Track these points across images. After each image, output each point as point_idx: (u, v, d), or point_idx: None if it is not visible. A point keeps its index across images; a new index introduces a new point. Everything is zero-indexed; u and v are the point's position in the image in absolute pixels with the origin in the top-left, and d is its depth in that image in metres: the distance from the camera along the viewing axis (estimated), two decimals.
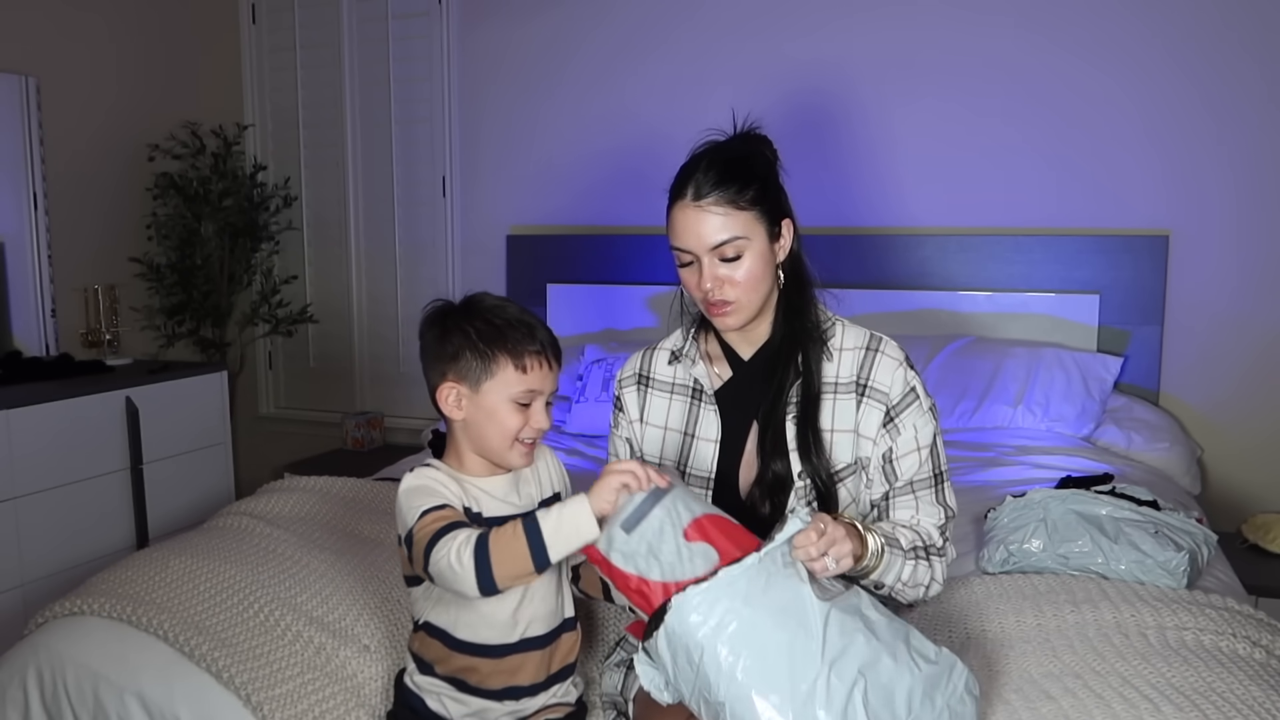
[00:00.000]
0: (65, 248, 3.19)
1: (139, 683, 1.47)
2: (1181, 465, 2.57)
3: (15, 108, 3.00)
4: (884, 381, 1.43)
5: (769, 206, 1.41)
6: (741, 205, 1.38)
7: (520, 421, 1.29)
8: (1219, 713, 1.21)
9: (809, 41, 3.07)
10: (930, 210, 3.02)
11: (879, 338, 1.47)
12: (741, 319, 1.44)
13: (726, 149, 1.43)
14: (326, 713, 1.43)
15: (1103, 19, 2.81)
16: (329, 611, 1.62)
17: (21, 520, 2.57)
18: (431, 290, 3.64)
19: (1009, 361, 2.72)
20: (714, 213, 1.37)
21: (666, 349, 1.57)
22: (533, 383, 1.29)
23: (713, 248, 1.39)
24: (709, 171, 1.39)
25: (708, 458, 1.48)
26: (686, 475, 1.49)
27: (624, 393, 1.58)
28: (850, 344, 1.47)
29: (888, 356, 1.45)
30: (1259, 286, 2.74)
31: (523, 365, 1.29)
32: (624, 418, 1.57)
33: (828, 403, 1.44)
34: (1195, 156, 2.77)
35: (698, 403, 1.51)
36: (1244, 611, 1.52)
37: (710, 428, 1.49)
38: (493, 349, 1.28)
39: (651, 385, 1.56)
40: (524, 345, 1.29)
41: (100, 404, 2.79)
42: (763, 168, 1.43)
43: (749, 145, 1.45)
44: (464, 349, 1.29)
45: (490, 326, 1.29)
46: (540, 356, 1.30)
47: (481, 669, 1.32)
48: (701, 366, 1.52)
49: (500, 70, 3.47)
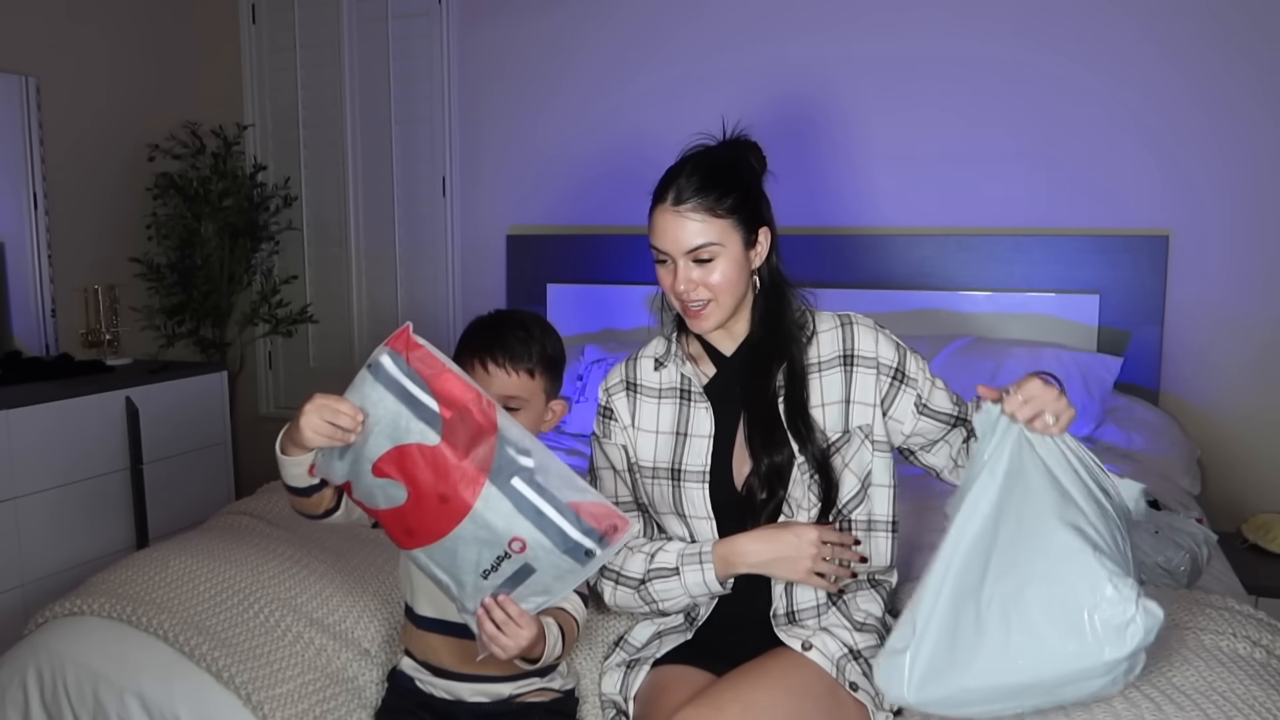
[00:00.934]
0: (65, 248, 3.19)
1: (139, 683, 1.47)
2: (1181, 465, 2.57)
3: (15, 108, 3.00)
4: (868, 348, 1.49)
5: (747, 215, 1.44)
6: (719, 213, 1.42)
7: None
8: (1219, 712, 1.21)
9: (811, 43, 3.07)
10: (930, 210, 3.02)
11: (846, 314, 1.54)
12: (714, 322, 1.46)
13: (712, 156, 1.46)
14: (327, 713, 1.43)
15: (1099, 20, 2.81)
16: (329, 612, 1.62)
17: (21, 520, 2.57)
18: (431, 290, 3.64)
19: (1009, 361, 2.72)
20: (691, 218, 1.42)
21: (649, 357, 1.58)
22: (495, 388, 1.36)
23: (687, 251, 1.43)
24: (691, 177, 1.42)
25: (701, 453, 1.49)
26: (681, 473, 1.49)
27: (613, 400, 1.56)
28: (825, 326, 1.52)
29: (861, 325, 1.52)
30: (1259, 286, 2.74)
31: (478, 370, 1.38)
32: (616, 425, 1.55)
33: (814, 381, 1.49)
34: (1194, 156, 2.77)
35: (688, 401, 1.52)
36: (1244, 611, 1.52)
37: (703, 423, 1.50)
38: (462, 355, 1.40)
39: (640, 392, 1.56)
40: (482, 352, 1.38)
41: (100, 404, 2.79)
42: (745, 176, 1.46)
43: (735, 152, 1.49)
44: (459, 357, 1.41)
45: (471, 332, 1.43)
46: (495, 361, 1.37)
47: (438, 647, 1.39)
48: (689, 365, 1.53)
49: (500, 70, 3.47)
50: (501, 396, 1.34)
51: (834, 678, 1.38)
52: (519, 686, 1.40)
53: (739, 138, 1.52)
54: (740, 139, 1.52)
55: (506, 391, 1.37)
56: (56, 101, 3.16)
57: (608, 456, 1.57)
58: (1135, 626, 1.12)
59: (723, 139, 1.51)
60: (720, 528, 1.47)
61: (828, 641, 1.42)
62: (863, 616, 1.47)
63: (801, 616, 1.46)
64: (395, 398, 1.15)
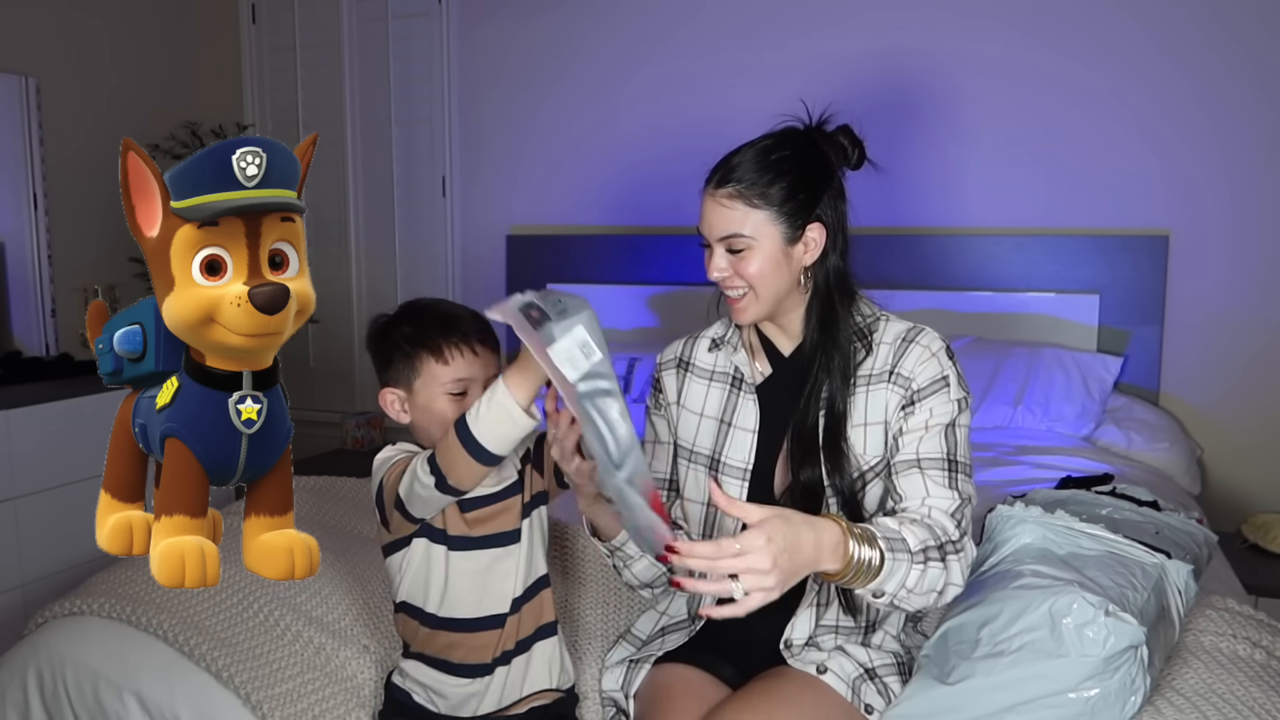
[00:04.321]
0: (65, 248, 3.19)
1: (139, 682, 1.47)
2: (1181, 465, 2.57)
3: (15, 108, 3.00)
4: (909, 368, 1.36)
5: (793, 208, 1.35)
6: (754, 203, 1.34)
7: (457, 411, 1.25)
8: (1219, 713, 1.21)
9: (809, 43, 3.07)
10: (930, 211, 3.02)
11: (918, 328, 1.41)
12: (753, 314, 1.40)
13: (773, 140, 1.38)
14: (326, 712, 1.43)
15: (1101, 20, 2.81)
16: (328, 612, 1.62)
17: (21, 520, 2.57)
18: (431, 290, 3.64)
19: (1009, 361, 2.72)
20: (725, 205, 1.36)
21: (708, 336, 1.53)
22: (459, 371, 1.31)
23: (720, 239, 1.37)
24: (735, 163, 1.36)
25: (744, 448, 1.44)
26: (721, 464, 1.45)
27: (663, 375, 1.55)
28: (890, 338, 1.40)
29: (919, 345, 1.38)
30: (1259, 286, 2.74)
31: (443, 357, 1.31)
32: (662, 398, 1.54)
33: (861, 396, 1.38)
34: (1194, 156, 2.77)
35: (737, 391, 1.47)
36: (1244, 612, 1.52)
37: (748, 417, 1.45)
38: (414, 347, 1.32)
39: (691, 370, 1.52)
40: (442, 337, 1.32)
41: (100, 404, 2.79)
42: (802, 166, 1.36)
43: (799, 140, 1.38)
44: (393, 354, 1.35)
45: (413, 327, 1.34)
46: (461, 344, 1.32)
47: (461, 645, 1.35)
48: (743, 355, 1.47)
49: (500, 70, 3.47)
50: (488, 376, 1.32)
51: (849, 700, 1.34)
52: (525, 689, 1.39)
53: (822, 124, 1.40)
54: (820, 127, 1.40)
55: (490, 370, 1.34)
56: (56, 101, 3.16)
57: (654, 428, 1.56)
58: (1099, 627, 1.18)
59: (806, 124, 1.40)
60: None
61: (843, 663, 1.37)
62: (879, 638, 1.43)
63: (819, 633, 1.41)
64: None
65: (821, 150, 1.39)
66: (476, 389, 1.30)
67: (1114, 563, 1.34)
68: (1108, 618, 1.19)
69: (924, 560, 1.21)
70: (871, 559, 1.16)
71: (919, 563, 1.21)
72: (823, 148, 1.39)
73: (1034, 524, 1.44)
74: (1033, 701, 1.20)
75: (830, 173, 1.39)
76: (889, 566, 1.18)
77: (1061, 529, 1.43)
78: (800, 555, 1.10)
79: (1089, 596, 1.21)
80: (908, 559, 1.20)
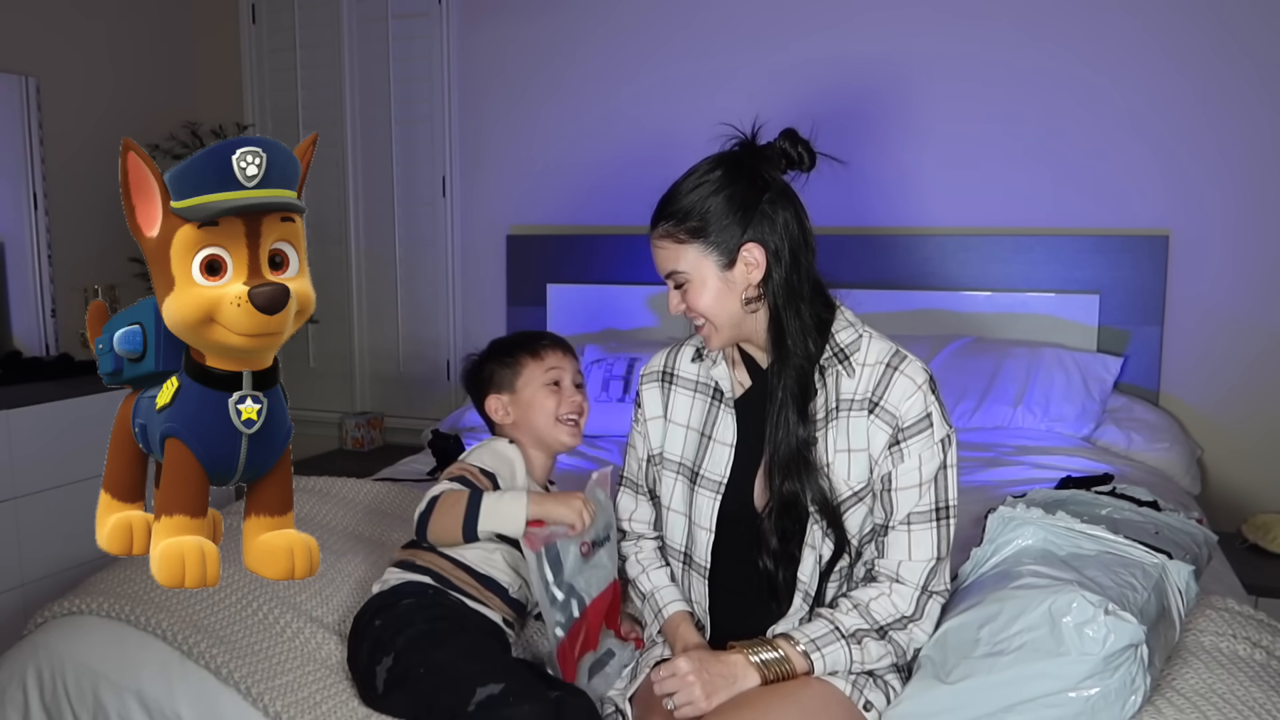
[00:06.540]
0: (65, 248, 3.19)
1: (139, 682, 1.47)
2: (1181, 465, 2.57)
3: (15, 108, 3.00)
4: (895, 403, 1.35)
5: (721, 236, 1.35)
6: (681, 239, 1.38)
7: (556, 400, 1.59)
8: (1219, 713, 1.21)
9: (809, 45, 3.07)
10: (930, 210, 3.02)
11: (903, 355, 1.39)
12: (718, 341, 1.42)
13: (693, 174, 1.38)
14: (326, 699, 1.43)
15: (1099, 18, 2.81)
16: (329, 612, 1.62)
17: (21, 520, 2.57)
18: (431, 290, 3.64)
19: (1009, 361, 2.72)
20: (660, 245, 1.42)
21: (692, 345, 1.54)
22: (551, 363, 1.62)
23: (666, 276, 1.42)
24: (664, 201, 1.41)
25: (722, 461, 1.44)
26: (700, 477, 1.46)
27: (644, 389, 1.56)
28: (873, 359, 1.38)
29: (906, 376, 1.36)
30: (1259, 286, 2.74)
31: (538, 354, 1.62)
32: (640, 414, 1.56)
33: (841, 421, 1.38)
34: (1195, 156, 2.77)
35: (717, 403, 1.47)
36: (1244, 612, 1.52)
37: (726, 431, 1.45)
38: (513, 354, 1.63)
39: (676, 382, 1.53)
40: (533, 341, 1.64)
41: (100, 404, 2.79)
42: (723, 191, 1.35)
43: (727, 163, 1.37)
44: (495, 368, 1.63)
45: (505, 345, 1.66)
46: (550, 346, 1.64)
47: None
48: (723, 368, 1.47)
49: (500, 71, 3.47)
50: (574, 371, 1.65)
51: (848, 696, 1.35)
52: None
53: (741, 145, 1.39)
54: (751, 142, 1.39)
55: (573, 367, 1.65)
56: (56, 101, 3.16)
57: (632, 440, 1.59)
58: (1099, 626, 1.18)
59: (739, 138, 1.39)
60: (716, 544, 1.44)
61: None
62: None
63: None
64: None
65: (749, 168, 1.37)
66: (566, 379, 1.61)
67: (1114, 563, 1.34)
68: (1107, 616, 1.19)
69: (859, 640, 1.34)
70: (786, 654, 1.34)
71: (856, 642, 1.34)
72: (752, 164, 1.37)
73: (1035, 525, 1.44)
74: (1033, 700, 1.20)
75: (763, 189, 1.37)
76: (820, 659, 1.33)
77: (1062, 530, 1.43)
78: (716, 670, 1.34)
79: (1089, 595, 1.21)
80: (840, 644, 1.34)
